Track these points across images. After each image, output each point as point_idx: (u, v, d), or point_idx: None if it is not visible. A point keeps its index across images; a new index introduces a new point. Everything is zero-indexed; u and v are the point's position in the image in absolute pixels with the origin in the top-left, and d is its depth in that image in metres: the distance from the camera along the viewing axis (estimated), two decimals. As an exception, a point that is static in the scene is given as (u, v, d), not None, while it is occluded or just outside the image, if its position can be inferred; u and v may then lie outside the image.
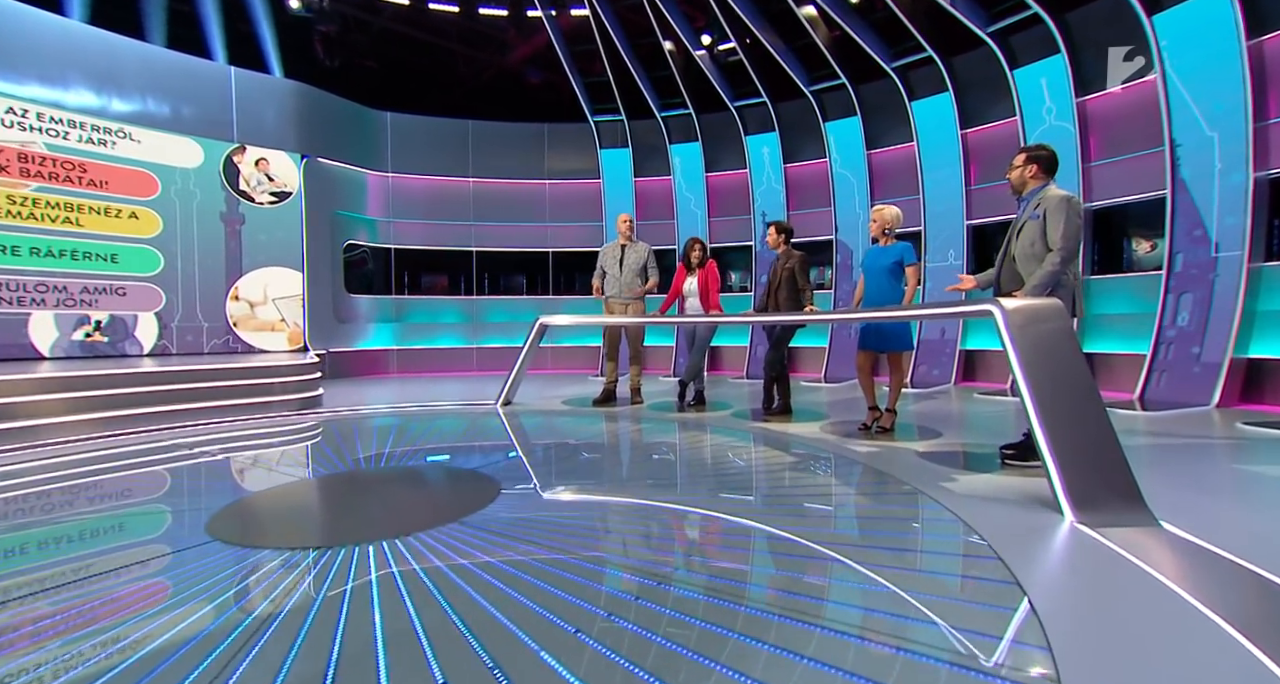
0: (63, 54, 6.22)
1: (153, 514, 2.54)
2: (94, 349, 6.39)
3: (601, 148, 9.16)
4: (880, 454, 3.36)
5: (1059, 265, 2.78)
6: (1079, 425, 2.30)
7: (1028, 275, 2.87)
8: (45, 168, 6.17)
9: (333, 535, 2.17)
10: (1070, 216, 2.80)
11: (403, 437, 4.02)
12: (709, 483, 2.96)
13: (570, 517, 2.45)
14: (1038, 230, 2.89)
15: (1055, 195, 2.88)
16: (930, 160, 7.13)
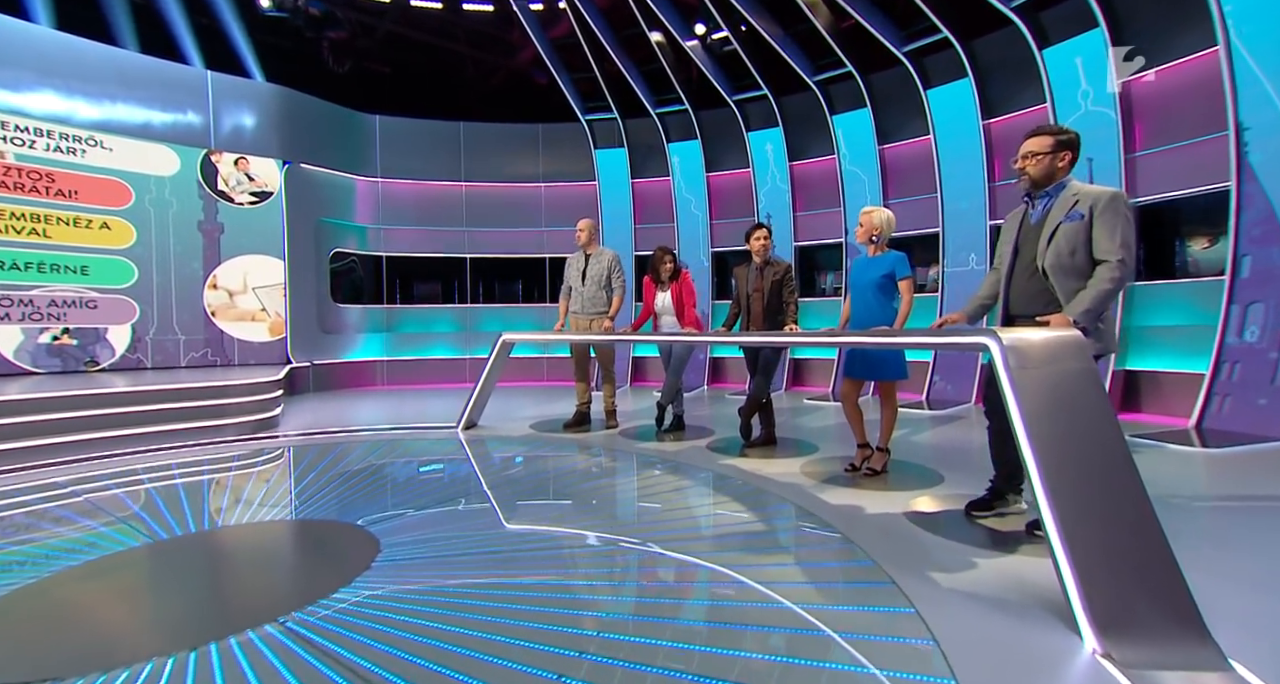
0: (27, 60, 6.06)
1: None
2: (62, 352, 6.22)
3: (596, 148, 8.68)
4: (854, 511, 2.77)
5: (1120, 281, 2.15)
6: (1108, 513, 1.70)
7: (1066, 293, 2.24)
8: (10, 178, 6.02)
9: (116, 650, 1.72)
10: (1127, 219, 2.19)
11: (311, 474, 3.60)
12: (624, 568, 2.43)
13: (445, 596, 1.96)
14: (1079, 236, 2.25)
15: (1101, 192, 2.24)
16: (949, 154, 6.41)
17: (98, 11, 6.78)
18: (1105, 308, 2.20)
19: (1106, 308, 2.21)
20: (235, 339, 7.28)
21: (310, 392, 7.65)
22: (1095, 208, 2.25)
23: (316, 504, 2.97)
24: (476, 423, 5.12)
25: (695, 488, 3.26)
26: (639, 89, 7.82)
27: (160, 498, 3.05)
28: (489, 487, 3.36)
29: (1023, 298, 2.42)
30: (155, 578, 2.21)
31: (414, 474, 3.64)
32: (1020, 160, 2.45)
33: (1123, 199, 2.25)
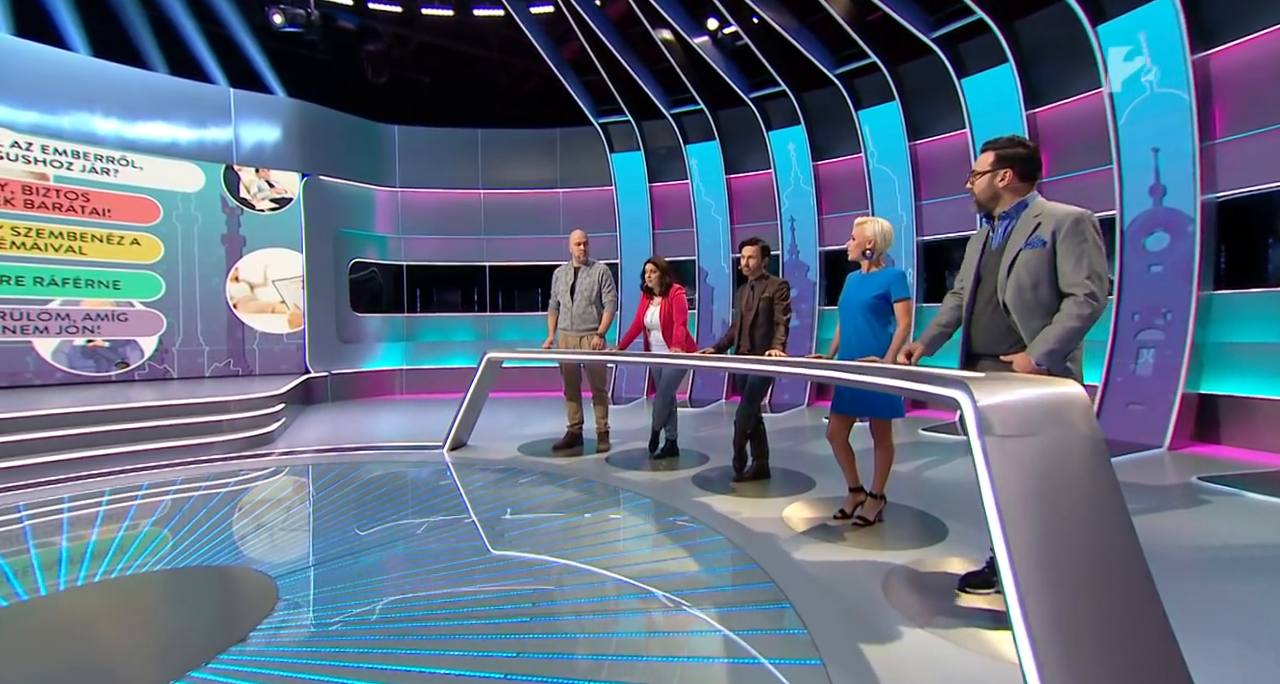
0: (67, 86, 6.36)
1: None
2: (95, 354, 6.49)
3: (612, 152, 8.42)
4: (827, 579, 2.37)
5: (1089, 318, 1.85)
6: (1111, 649, 1.27)
7: (1030, 332, 1.93)
8: (50, 198, 6.33)
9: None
10: (1095, 244, 1.86)
11: (262, 504, 3.49)
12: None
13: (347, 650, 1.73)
14: (1042, 266, 1.92)
15: (1065, 213, 1.93)
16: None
17: (128, 37, 7.06)
18: (1072, 347, 1.87)
19: (1074, 347, 1.88)
20: (257, 351, 7.45)
21: (328, 401, 7.76)
22: (1058, 232, 1.90)
23: (224, 545, 2.83)
24: (465, 442, 4.95)
25: (645, 534, 2.93)
26: (650, 90, 7.50)
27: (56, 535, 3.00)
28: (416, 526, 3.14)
29: (985, 335, 2.07)
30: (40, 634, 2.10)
31: (364, 505, 3.47)
32: (968, 181, 2.12)
33: (1089, 220, 1.89)
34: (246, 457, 4.57)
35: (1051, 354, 1.84)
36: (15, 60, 6.10)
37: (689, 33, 6.70)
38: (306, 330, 7.67)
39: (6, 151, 6.10)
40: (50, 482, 3.83)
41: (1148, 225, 4.95)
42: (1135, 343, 5.04)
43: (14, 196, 6.14)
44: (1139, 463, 4.19)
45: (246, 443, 4.88)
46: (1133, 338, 5.04)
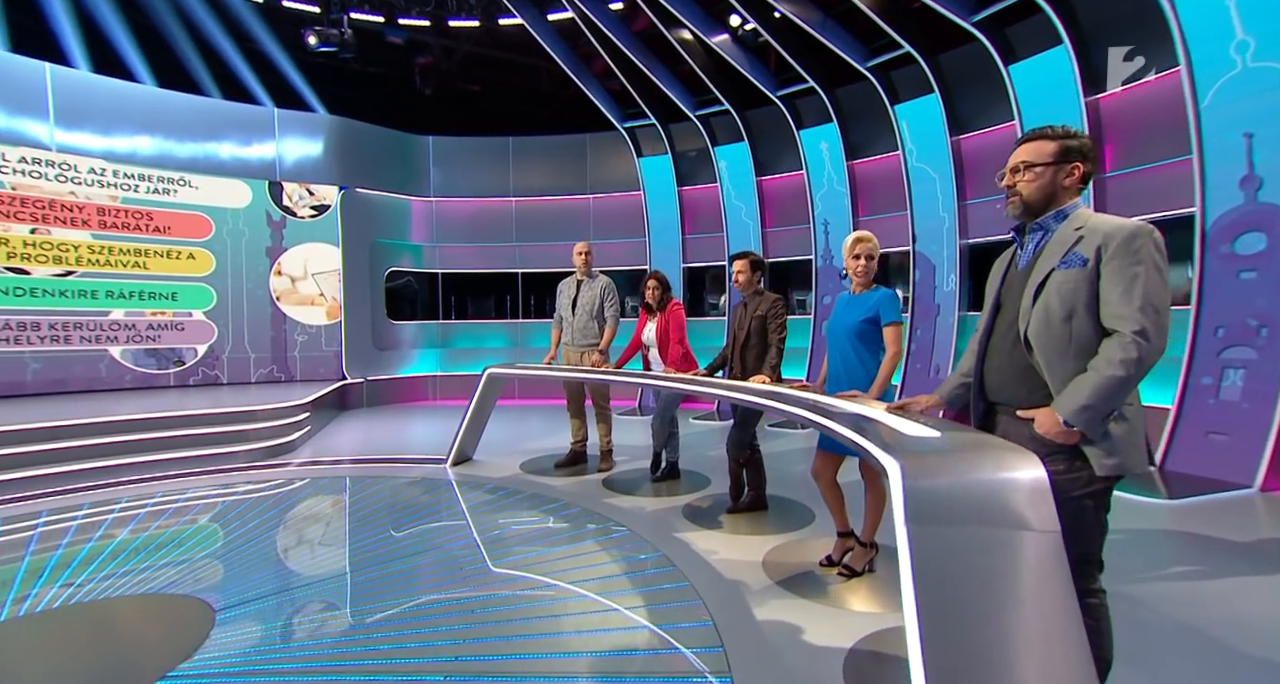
0: (133, 115, 6.86)
1: None
2: (156, 353, 6.98)
3: (640, 156, 8.24)
4: (784, 649, 2.11)
5: (1138, 364, 1.37)
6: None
7: (1058, 378, 1.48)
8: (119, 218, 6.85)
9: None
10: (1153, 266, 1.41)
11: (241, 524, 3.55)
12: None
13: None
14: (1079, 291, 1.47)
15: (1114, 226, 1.47)
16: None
17: (185, 67, 7.54)
18: (1115, 404, 1.40)
19: (1118, 403, 1.41)
20: (298, 358, 7.80)
21: (364, 406, 8.02)
22: (1105, 249, 1.45)
23: (166, 571, 2.87)
24: (471, 456, 4.93)
25: (607, 576, 2.74)
26: (673, 93, 7.26)
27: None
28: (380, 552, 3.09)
29: (999, 377, 1.62)
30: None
31: (333, 527, 3.47)
32: (1008, 175, 1.66)
33: (1149, 237, 1.43)
34: (260, 467, 4.73)
35: (1086, 412, 1.37)
36: (93, 95, 6.64)
37: (707, 32, 6.40)
38: (343, 338, 7.96)
39: (85, 177, 6.66)
40: (67, 490, 4.09)
41: (1238, 224, 4.27)
42: (1219, 361, 4.37)
43: (90, 218, 6.69)
44: (1219, 507, 3.57)
45: (267, 452, 5.06)
46: (1215, 356, 4.37)
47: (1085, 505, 1.43)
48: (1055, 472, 1.38)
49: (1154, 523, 3.25)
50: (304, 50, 7.40)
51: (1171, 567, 2.72)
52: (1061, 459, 1.43)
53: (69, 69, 6.61)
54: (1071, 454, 1.44)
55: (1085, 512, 1.43)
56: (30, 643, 2.18)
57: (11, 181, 6.23)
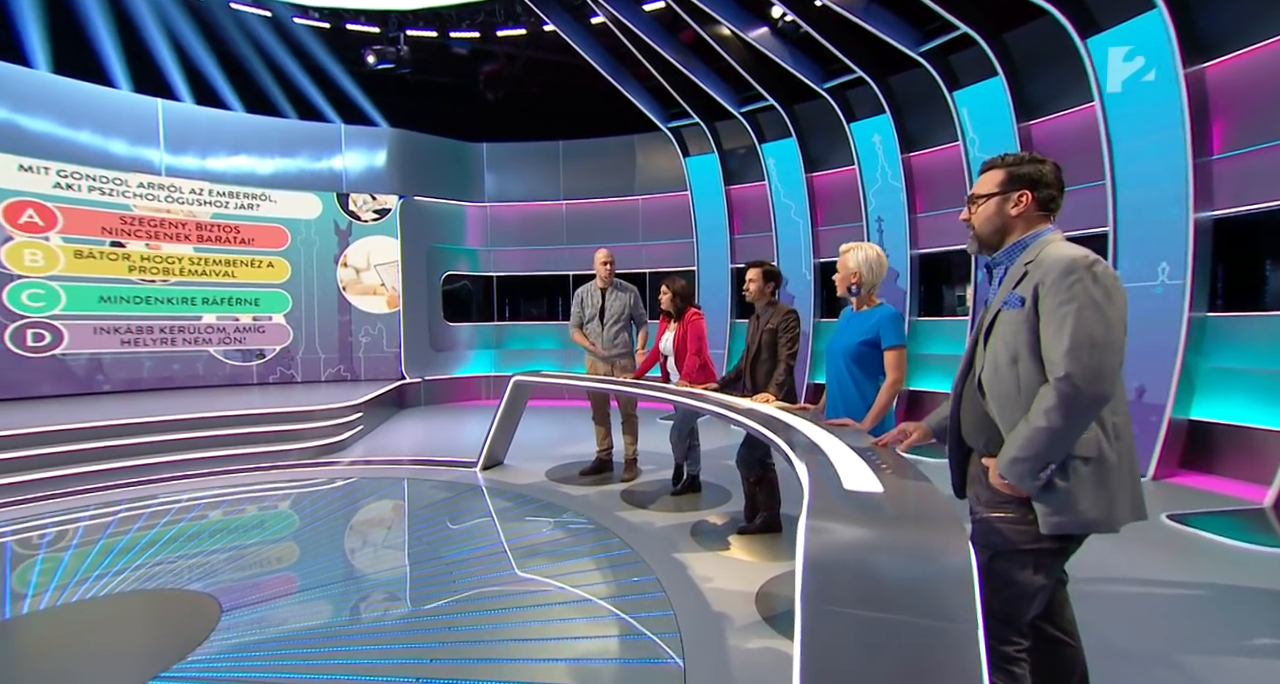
0: (224, 138, 7.56)
1: None
2: (243, 349, 7.68)
3: (687, 156, 8.09)
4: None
5: (1065, 414, 1.23)
6: None
7: (1007, 425, 1.37)
8: (212, 233, 7.58)
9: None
10: (1088, 302, 1.26)
11: (272, 522, 3.79)
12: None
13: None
14: (1019, 333, 1.35)
15: (1057, 259, 1.33)
16: (1125, 124, 4.57)
17: (265, 91, 8.20)
18: (1052, 457, 1.26)
19: (1056, 456, 1.26)
20: (363, 359, 8.31)
21: (421, 405, 8.43)
22: (1041, 286, 1.32)
23: (175, 567, 3.09)
24: (501, 460, 5.04)
25: (587, 599, 2.69)
26: (715, 91, 7.03)
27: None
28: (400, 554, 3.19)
29: (968, 420, 1.50)
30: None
31: (340, 528, 3.64)
32: (965, 212, 1.55)
33: (1087, 270, 1.28)
34: (305, 466, 5.07)
35: (1016, 465, 1.28)
36: (194, 124, 7.39)
37: (745, 28, 6.12)
38: (402, 339, 8.39)
39: (187, 197, 7.42)
40: (145, 482, 4.55)
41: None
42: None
43: (191, 233, 7.45)
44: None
45: (320, 451, 5.42)
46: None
47: (1023, 561, 1.33)
48: (1006, 519, 1.33)
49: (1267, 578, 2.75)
50: (363, 67, 7.83)
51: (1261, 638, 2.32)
52: (1014, 508, 1.35)
53: (175, 102, 7.38)
54: (1025, 505, 1.33)
55: (1021, 569, 1.33)
56: (43, 637, 2.44)
57: (133, 204, 7.05)
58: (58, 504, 4.05)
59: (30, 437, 4.49)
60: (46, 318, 6.56)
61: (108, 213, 6.90)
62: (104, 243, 6.91)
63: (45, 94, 6.50)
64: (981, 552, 1.35)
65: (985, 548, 1.35)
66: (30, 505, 4.02)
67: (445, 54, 8.38)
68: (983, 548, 1.36)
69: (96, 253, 6.90)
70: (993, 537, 1.35)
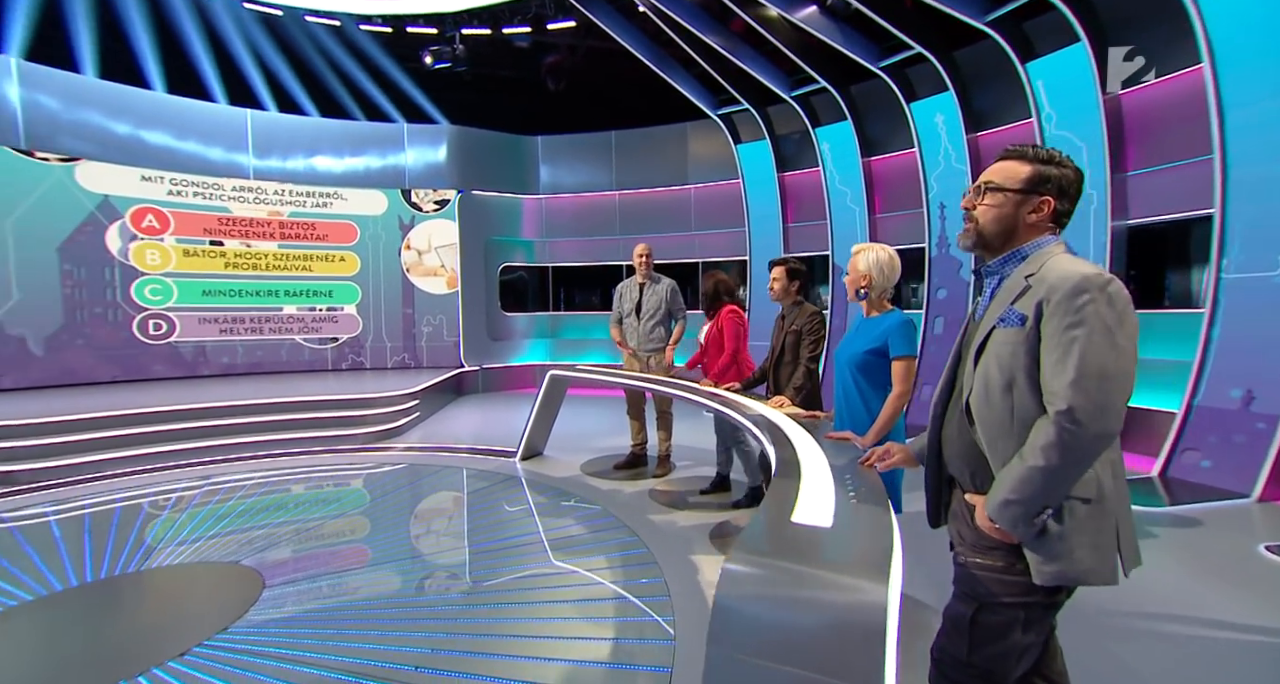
0: (300, 142, 8.14)
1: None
2: (320, 336, 8.33)
3: (739, 143, 7.86)
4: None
5: (1064, 453, 1.09)
6: None
7: (998, 459, 1.22)
8: (292, 230, 8.23)
9: None
10: (1100, 328, 1.10)
11: (310, 503, 4.08)
12: None
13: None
14: (1017, 355, 1.20)
15: (1059, 275, 1.16)
16: (1240, 90, 3.97)
17: (336, 97, 8.72)
18: (1049, 500, 1.12)
19: (1053, 499, 1.13)
20: (425, 348, 8.78)
21: (479, 392, 8.81)
22: (1046, 304, 1.16)
23: (217, 540, 3.38)
24: (541, 451, 5.19)
25: (586, 599, 2.73)
26: (763, 76, 6.74)
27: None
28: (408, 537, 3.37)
29: (951, 450, 1.36)
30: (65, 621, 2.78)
31: (389, 514, 3.87)
32: (971, 194, 1.34)
33: (1101, 290, 1.11)
34: (363, 450, 5.43)
35: (1009, 508, 1.14)
36: (276, 130, 8.01)
37: (791, 9, 5.77)
38: (461, 329, 8.77)
39: (271, 198, 8.08)
40: (224, 460, 5.05)
41: None
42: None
43: (274, 231, 8.12)
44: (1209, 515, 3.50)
45: (379, 436, 5.81)
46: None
47: (1012, 617, 1.19)
48: (992, 568, 1.21)
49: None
50: (422, 68, 8.15)
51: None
52: (1001, 555, 1.21)
53: (261, 111, 8.03)
54: (1014, 552, 1.19)
55: (1009, 625, 1.19)
56: (101, 604, 2.78)
57: (230, 206, 7.78)
58: (139, 479, 4.58)
59: (129, 417, 5.10)
60: (163, 309, 7.39)
61: (208, 215, 7.64)
62: (205, 242, 7.66)
63: (160, 112, 7.28)
64: (964, 602, 1.25)
65: (968, 598, 1.24)
66: (109, 481, 4.55)
67: (500, 49, 8.56)
68: (965, 598, 1.25)
69: (200, 251, 7.66)
70: (977, 587, 1.23)
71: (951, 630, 1.27)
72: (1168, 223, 4.70)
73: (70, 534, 3.52)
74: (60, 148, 6.62)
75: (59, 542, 3.41)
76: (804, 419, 2.48)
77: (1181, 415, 4.27)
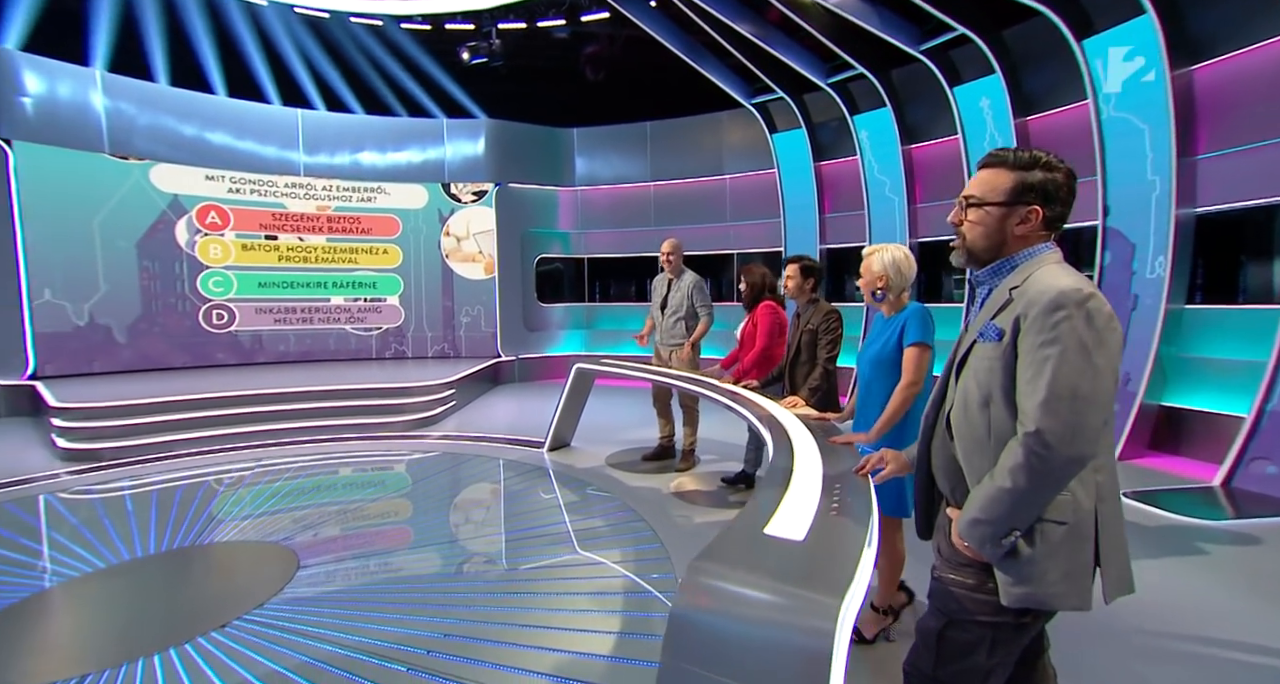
0: (346, 139, 8.46)
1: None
2: (365, 326, 8.72)
3: (774, 132, 7.68)
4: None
5: (1031, 475, 1.06)
6: None
7: (974, 475, 1.21)
8: (339, 224, 8.58)
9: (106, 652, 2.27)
10: (1075, 346, 1.06)
11: (345, 487, 4.27)
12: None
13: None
14: (995, 370, 1.16)
15: (1038, 289, 1.13)
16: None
17: (379, 95, 8.98)
18: (1016, 522, 1.10)
19: (1020, 521, 1.10)
20: (464, 337, 9.03)
21: (515, 381, 9.01)
22: (1023, 319, 1.12)
23: (251, 520, 3.58)
24: (568, 442, 5.29)
25: (596, 594, 2.78)
26: (798, 63, 6.53)
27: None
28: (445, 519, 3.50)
29: (939, 461, 1.33)
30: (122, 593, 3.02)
31: (415, 500, 4.03)
32: (956, 209, 1.30)
33: (1080, 306, 1.07)
34: (399, 437, 5.66)
35: (977, 527, 1.12)
36: (324, 128, 8.37)
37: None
38: (498, 319, 8.98)
39: (320, 193, 8.45)
40: (278, 444, 5.36)
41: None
42: None
43: (322, 226, 8.49)
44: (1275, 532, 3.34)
45: (416, 424, 6.04)
46: None
47: (980, 636, 1.17)
48: (964, 585, 1.19)
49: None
50: (456, 63, 8.30)
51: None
52: (973, 573, 1.19)
53: (311, 110, 8.38)
54: (986, 570, 1.17)
55: (976, 643, 1.17)
56: (146, 578, 3.01)
57: (283, 202, 8.20)
58: (201, 460, 4.93)
59: (194, 402, 5.49)
60: (225, 301, 7.88)
61: (263, 211, 8.07)
62: (260, 237, 8.10)
63: (222, 114, 7.74)
64: (935, 617, 1.24)
65: (939, 613, 1.23)
66: (174, 460, 4.90)
67: (536, 42, 8.61)
68: (936, 612, 1.24)
69: (256, 245, 8.10)
70: (948, 602, 1.21)
71: (921, 644, 1.25)
72: (1243, 210, 4.34)
73: (140, 509, 3.84)
74: (137, 151, 7.14)
75: (130, 515, 3.73)
76: (814, 421, 2.44)
77: (1252, 420, 3.96)
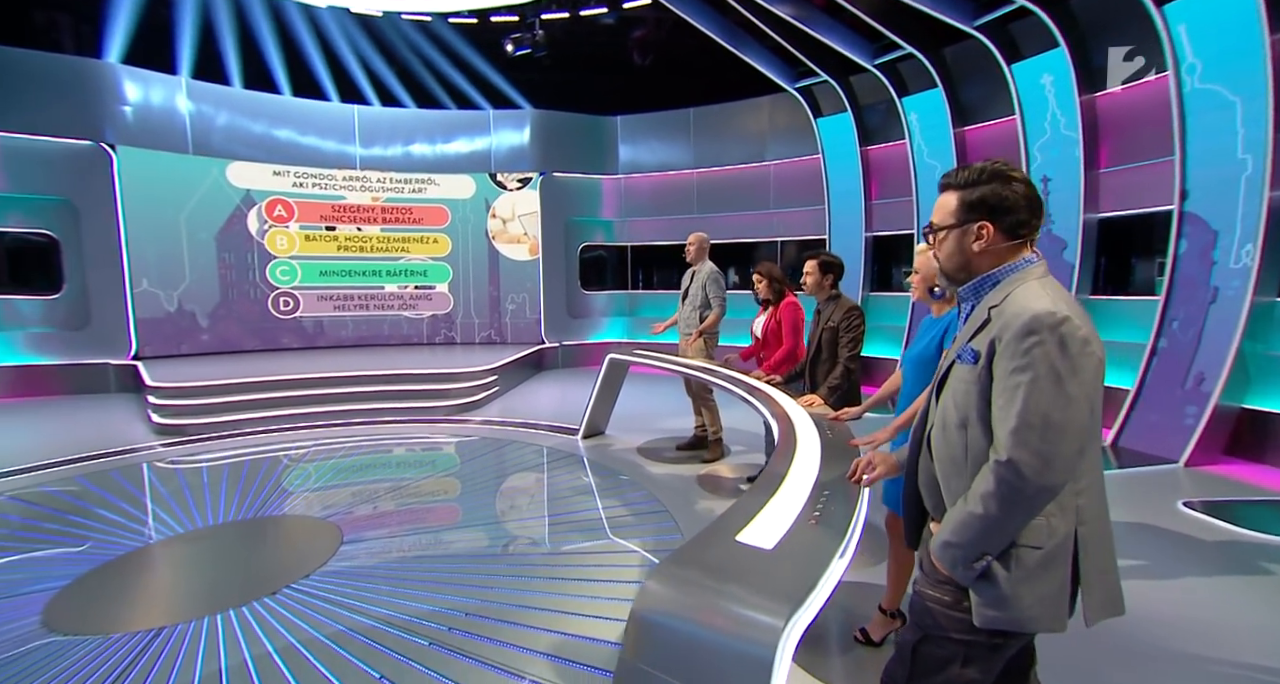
0: (398, 132, 8.82)
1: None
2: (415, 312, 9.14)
3: (819, 117, 7.44)
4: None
5: (1002, 502, 1.06)
6: None
7: (951, 496, 1.21)
8: (391, 215, 8.98)
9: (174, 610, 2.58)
10: (1048, 372, 1.05)
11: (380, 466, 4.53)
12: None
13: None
14: (970, 392, 1.16)
15: (1014, 310, 1.11)
16: None
17: (428, 89, 9.24)
18: (987, 546, 1.09)
19: (992, 545, 1.09)
20: (509, 324, 9.30)
21: (559, 367, 9.23)
22: (998, 342, 1.11)
23: (289, 498, 3.84)
24: (602, 430, 5.41)
25: (615, 577, 2.86)
26: (842, 45, 6.26)
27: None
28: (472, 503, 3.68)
29: (923, 477, 1.33)
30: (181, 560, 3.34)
31: (449, 483, 4.23)
32: (925, 234, 1.32)
33: (1052, 331, 1.04)
34: (443, 421, 5.94)
35: (949, 549, 1.13)
36: (378, 123, 8.75)
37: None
38: (542, 307, 9.19)
39: (374, 185, 8.86)
40: (330, 425, 5.74)
41: None
42: None
43: (376, 216, 8.91)
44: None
45: (459, 409, 6.31)
46: None
47: (953, 652, 1.17)
48: (940, 601, 1.19)
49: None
50: (500, 55, 8.43)
51: None
52: (950, 590, 1.19)
53: (366, 106, 8.77)
54: (963, 589, 1.17)
55: (949, 659, 1.18)
56: (200, 549, 3.31)
57: (343, 194, 8.66)
58: (268, 437, 5.34)
59: (265, 384, 5.95)
60: (290, 288, 8.43)
61: (324, 203, 8.54)
62: (321, 228, 8.58)
63: (287, 112, 8.24)
64: (911, 630, 1.26)
65: (916, 627, 1.25)
66: (245, 437, 5.34)
67: (578, 32, 8.62)
68: (914, 626, 1.26)
69: (317, 236, 8.60)
70: (925, 618, 1.22)
71: (898, 657, 1.27)
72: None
73: (213, 481, 4.24)
74: (215, 150, 7.72)
75: (205, 487, 4.12)
76: (830, 420, 2.43)
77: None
